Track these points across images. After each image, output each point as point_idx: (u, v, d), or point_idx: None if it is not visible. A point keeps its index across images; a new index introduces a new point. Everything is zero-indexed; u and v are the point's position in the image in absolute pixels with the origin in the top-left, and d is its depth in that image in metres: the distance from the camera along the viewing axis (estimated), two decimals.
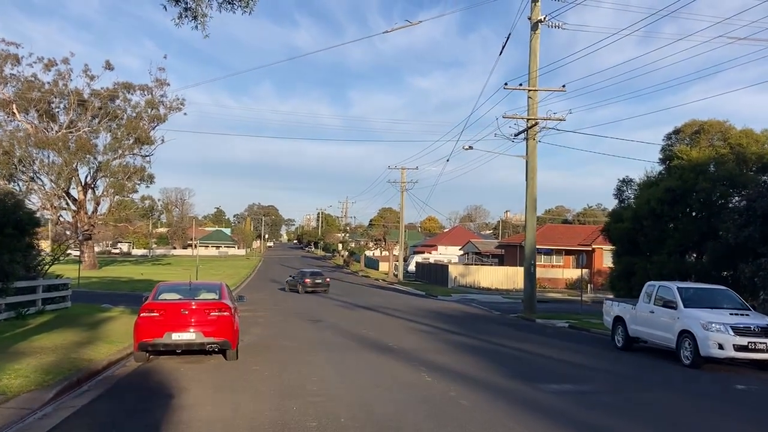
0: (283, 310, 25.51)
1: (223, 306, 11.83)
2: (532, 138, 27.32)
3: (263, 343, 15.05)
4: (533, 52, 27.59)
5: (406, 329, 19.48)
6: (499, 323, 23.61)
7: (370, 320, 22.24)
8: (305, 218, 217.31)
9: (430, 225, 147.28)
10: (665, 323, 14.17)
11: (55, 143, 54.11)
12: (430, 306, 30.95)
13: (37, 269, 19.76)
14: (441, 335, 18.15)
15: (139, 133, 58.36)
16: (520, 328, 21.69)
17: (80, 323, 16.47)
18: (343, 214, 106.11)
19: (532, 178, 27.44)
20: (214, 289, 12.80)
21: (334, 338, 16.50)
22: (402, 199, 59.49)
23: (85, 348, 12.18)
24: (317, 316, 23.27)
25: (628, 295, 23.15)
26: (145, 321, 11.40)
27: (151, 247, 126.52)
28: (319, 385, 9.93)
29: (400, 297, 38.24)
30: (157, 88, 60.74)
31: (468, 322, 23.10)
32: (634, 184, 27.28)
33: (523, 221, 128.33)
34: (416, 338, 17.05)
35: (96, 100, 57.86)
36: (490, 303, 34.24)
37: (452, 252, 78.82)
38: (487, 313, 28.59)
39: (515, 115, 27.23)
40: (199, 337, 11.44)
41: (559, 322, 24.19)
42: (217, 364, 11.82)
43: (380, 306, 29.11)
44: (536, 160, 27.54)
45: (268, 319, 21.54)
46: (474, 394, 9.59)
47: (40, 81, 56.28)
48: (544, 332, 20.71)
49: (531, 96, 27.39)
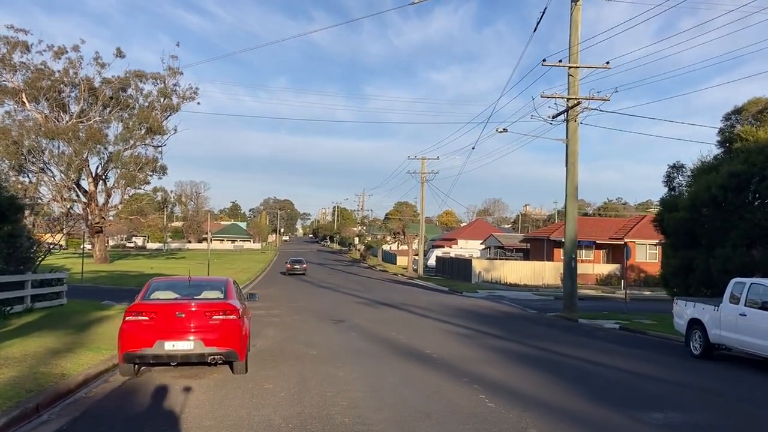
0: (300, 308, 23.29)
1: (228, 307, 9.55)
2: (573, 119, 24.78)
3: (278, 348, 12.80)
4: (574, 25, 24.99)
5: (440, 331, 17.15)
6: (540, 324, 21.19)
7: (396, 320, 19.94)
8: (321, 212, 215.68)
9: (447, 219, 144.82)
10: (765, 330, 11.65)
11: (65, 133, 52.37)
12: (457, 303, 28.58)
13: (26, 262, 17.72)
14: (481, 339, 15.79)
15: (151, 122, 56.45)
16: (566, 330, 19.26)
17: (69, 324, 14.35)
18: (359, 207, 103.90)
19: (572, 164, 24.92)
20: (219, 286, 10.52)
21: (360, 343, 14.20)
22: (422, 190, 57.06)
23: (61, 358, 10.00)
24: (338, 314, 21.01)
25: (685, 293, 20.62)
26: (131, 327, 9.16)
27: (166, 241, 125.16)
28: (351, 413, 7.62)
29: (423, 293, 35.90)
30: (170, 77, 58.84)
31: (505, 323, 20.73)
32: (686, 170, 24.63)
33: (544, 215, 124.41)
34: (455, 343, 14.71)
35: (107, 88, 56.04)
36: (522, 300, 31.79)
37: (472, 246, 76.25)
38: (522, 311, 26.15)
39: (555, 94, 24.67)
40: (198, 347, 9.17)
41: (606, 322, 21.76)
42: (222, 379, 9.58)
43: (404, 303, 26.79)
44: (577, 143, 25.01)
45: (284, 318, 19.31)
46: (560, 429, 7.23)
47: (50, 69, 54.51)
48: (595, 335, 18.27)
49: (572, 73, 24.82)
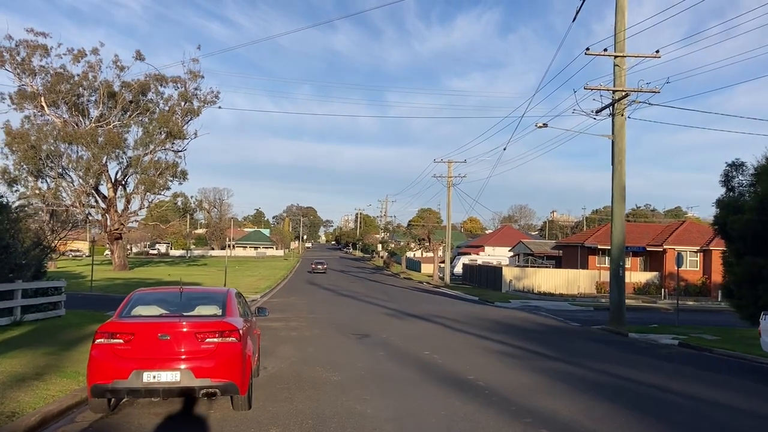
0: (321, 320, 21.30)
1: (227, 327, 7.52)
2: (619, 113, 22.51)
3: (292, 373, 10.79)
4: (620, 10, 22.75)
5: (480, 350, 15.00)
6: (588, 339, 18.89)
7: (428, 335, 17.82)
8: (343, 219, 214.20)
9: (472, 226, 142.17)
10: None
11: (84, 137, 51.39)
12: (491, 315, 26.35)
13: (20, 269, 16.05)
14: (529, 360, 13.62)
15: (171, 126, 55.30)
16: (620, 348, 16.95)
17: (56, 340, 12.55)
18: (382, 213, 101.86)
19: (619, 162, 22.61)
20: (217, 300, 8.43)
21: (390, 365, 12.13)
22: (448, 194, 54.93)
23: (23, 387, 8.12)
24: (363, 328, 18.96)
25: (753, 306, 18.21)
26: (101, 352, 7.17)
27: (189, 248, 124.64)
28: None
29: (451, 303, 33.70)
30: (191, 81, 57.75)
31: (550, 338, 18.49)
32: (747, 168, 22.11)
33: (572, 222, 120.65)
34: (501, 366, 12.56)
35: (126, 92, 55.04)
36: (560, 311, 29.42)
37: (500, 253, 73.76)
38: (564, 324, 23.81)
39: (600, 86, 22.42)
40: (186, 378, 7.14)
41: (661, 337, 19.39)
42: (220, 419, 7.58)
43: (434, 315, 24.65)
44: (624, 140, 22.71)
45: (303, 332, 17.33)
46: None
47: (69, 73, 53.72)
48: (656, 353, 15.95)
49: (618, 63, 22.56)
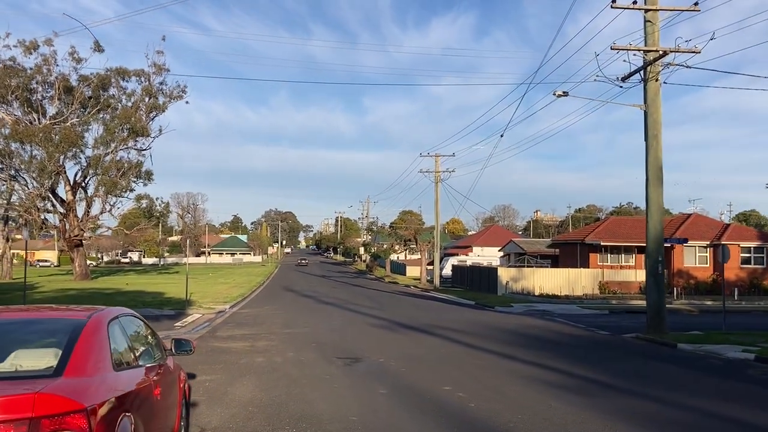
0: (298, 337, 17.15)
1: (55, 407, 3.35)
2: (653, 78, 18.82)
3: None
4: None
5: (512, 377, 11.06)
6: (632, 353, 15.09)
7: (439, 357, 13.81)
8: (323, 223, 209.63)
9: (455, 227, 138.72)
10: None
11: (35, 135, 46.62)
12: (497, 322, 22.49)
13: None
14: (598, 397, 9.69)
15: (134, 123, 50.66)
16: (682, 364, 13.14)
17: None
18: (364, 214, 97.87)
19: (654, 137, 18.91)
20: (60, 337, 4.23)
21: (399, 416, 8.10)
22: (436, 191, 51.07)
23: None
24: (351, 347, 14.88)
25: None
26: None
27: (162, 256, 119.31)
28: None
29: (447, 309, 29.80)
30: (156, 74, 53.19)
31: (591, 355, 14.65)
32: None
33: (557, 221, 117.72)
34: (554, 404, 8.61)
35: (85, 87, 50.34)
36: (574, 316, 25.68)
37: (489, 253, 70.26)
38: (590, 333, 19.98)
39: (629, 46, 18.71)
40: None
41: (724, 349, 15.50)
42: None
43: (434, 325, 20.69)
44: (660, 109, 19.01)
45: (273, 356, 13.21)
46: None
47: (21, 65, 48.95)
48: (734, 374, 12.16)
49: (650, 19, 18.88)
